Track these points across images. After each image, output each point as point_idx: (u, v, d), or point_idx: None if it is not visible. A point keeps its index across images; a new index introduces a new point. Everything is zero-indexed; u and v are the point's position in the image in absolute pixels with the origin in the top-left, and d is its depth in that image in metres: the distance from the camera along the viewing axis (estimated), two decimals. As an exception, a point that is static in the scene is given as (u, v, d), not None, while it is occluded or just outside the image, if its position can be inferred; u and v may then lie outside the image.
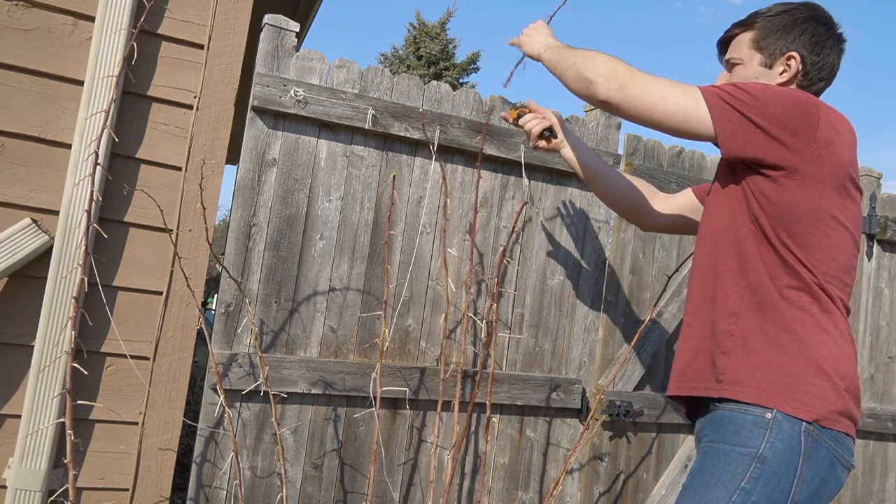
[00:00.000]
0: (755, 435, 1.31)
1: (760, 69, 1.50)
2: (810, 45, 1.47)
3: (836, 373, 1.34)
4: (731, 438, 1.34)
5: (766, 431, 1.31)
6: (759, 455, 1.30)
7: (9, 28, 1.99)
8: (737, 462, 1.31)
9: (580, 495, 2.79)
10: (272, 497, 2.32)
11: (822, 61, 1.48)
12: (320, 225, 2.41)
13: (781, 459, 1.29)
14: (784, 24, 1.48)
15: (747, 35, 1.53)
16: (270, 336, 2.34)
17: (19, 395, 2.00)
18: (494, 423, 2.64)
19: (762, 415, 1.32)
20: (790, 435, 1.30)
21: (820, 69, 1.48)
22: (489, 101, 2.67)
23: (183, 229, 2.16)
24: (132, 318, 2.11)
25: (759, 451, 1.30)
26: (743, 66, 1.53)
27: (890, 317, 3.41)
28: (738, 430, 1.34)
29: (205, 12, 2.19)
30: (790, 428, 1.30)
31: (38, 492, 1.96)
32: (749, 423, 1.33)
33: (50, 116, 2.03)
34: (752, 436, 1.32)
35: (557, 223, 2.78)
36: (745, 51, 1.52)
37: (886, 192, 3.38)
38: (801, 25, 1.48)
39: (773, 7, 1.52)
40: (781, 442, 1.30)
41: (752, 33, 1.52)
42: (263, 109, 2.31)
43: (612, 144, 2.87)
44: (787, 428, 1.30)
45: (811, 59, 1.47)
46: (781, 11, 1.50)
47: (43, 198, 2.02)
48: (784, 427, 1.31)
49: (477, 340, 2.62)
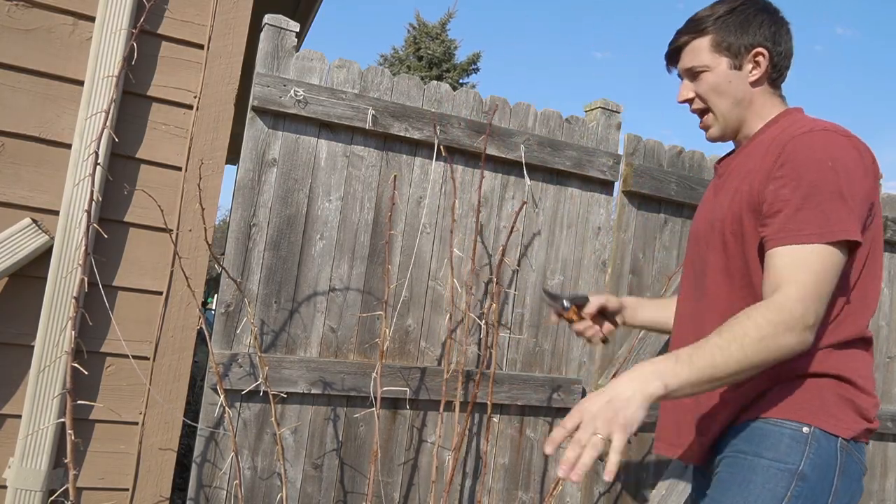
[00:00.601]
0: (794, 451, 1.26)
1: (730, 72, 1.44)
2: (771, 37, 1.43)
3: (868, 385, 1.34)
4: (768, 453, 1.27)
5: (805, 447, 1.26)
6: (800, 472, 1.25)
7: (9, 28, 2.00)
8: (777, 479, 1.25)
9: (580, 495, 2.79)
10: (272, 497, 2.32)
11: (784, 49, 1.45)
12: (320, 225, 2.41)
13: (819, 476, 1.25)
14: (740, 21, 1.43)
15: (703, 41, 1.45)
16: (270, 336, 2.34)
17: (19, 395, 2.00)
18: (495, 423, 2.64)
19: (799, 429, 1.27)
20: (828, 451, 1.26)
21: (784, 57, 1.45)
22: (489, 101, 2.67)
23: (183, 229, 2.16)
24: (132, 318, 2.11)
25: (799, 468, 1.25)
26: (710, 72, 1.44)
27: (890, 317, 3.41)
28: (774, 444, 1.28)
29: (205, 12, 2.19)
30: (827, 444, 1.27)
31: (38, 492, 1.96)
32: (787, 438, 1.27)
33: (50, 116, 2.03)
34: (792, 451, 1.26)
35: (557, 223, 2.78)
36: (708, 56, 1.44)
37: (886, 192, 3.38)
38: (756, 19, 1.44)
39: (716, 7, 1.46)
40: (820, 458, 1.26)
41: (709, 37, 1.44)
42: (263, 109, 2.31)
43: (613, 144, 2.87)
44: (825, 443, 1.27)
45: (776, 49, 1.44)
46: (731, 9, 1.45)
47: (43, 198, 2.02)
48: (822, 443, 1.26)
49: (478, 340, 2.61)
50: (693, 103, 1.49)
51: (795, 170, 1.26)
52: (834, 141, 1.28)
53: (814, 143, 1.27)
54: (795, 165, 1.26)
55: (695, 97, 1.48)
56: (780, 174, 1.28)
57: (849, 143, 1.29)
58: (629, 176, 2.86)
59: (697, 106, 1.48)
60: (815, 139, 1.28)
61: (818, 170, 1.24)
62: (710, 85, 1.45)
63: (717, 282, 1.40)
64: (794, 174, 1.26)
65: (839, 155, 1.26)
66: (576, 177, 2.80)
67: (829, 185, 1.23)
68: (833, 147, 1.27)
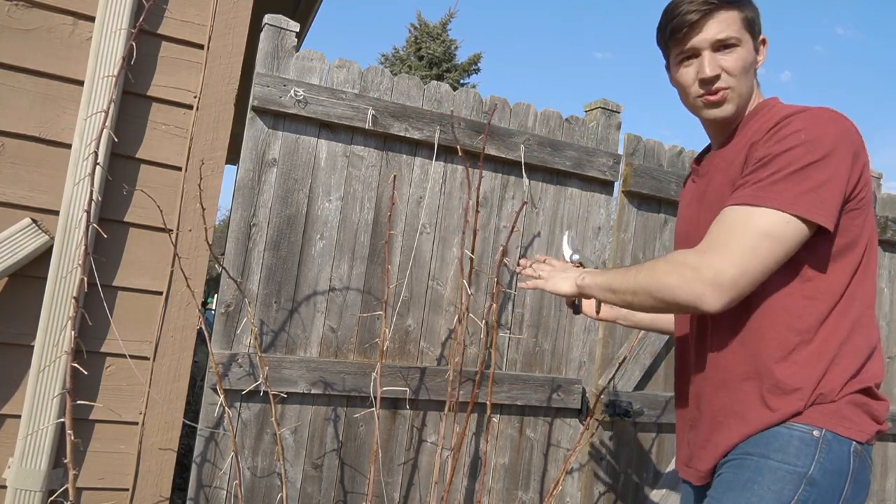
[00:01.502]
0: (804, 454, 1.21)
1: (752, 54, 1.35)
2: (761, 24, 1.38)
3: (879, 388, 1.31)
4: (776, 455, 1.23)
5: (815, 451, 1.21)
6: (809, 476, 1.20)
7: (9, 28, 2.00)
8: (784, 482, 1.20)
9: (580, 495, 2.79)
10: (272, 497, 2.31)
11: None
12: (320, 225, 2.41)
13: (830, 482, 1.20)
14: (755, 6, 1.37)
15: (735, 14, 1.33)
16: (270, 336, 2.34)
17: (19, 395, 2.00)
18: (495, 423, 2.64)
19: (809, 432, 1.22)
20: (840, 456, 1.22)
21: None
22: (489, 101, 2.67)
23: (183, 229, 2.16)
24: (132, 318, 2.11)
25: (808, 472, 1.20)
26: (742, 48, 1.33)
27: (890, 317, 3.40)
28: (783, 446, 1.23)
29: (205, 12, 2.19)
30: (839, 448, 1.22)
31: (38, 492, 1.96)
32: (796, 440, 1.22)
33: (50, 116, 2.03)
34: (801, 454, 1.21)
35: (557, 223, 2.78)
36: (740, 30, 1.32)
37: (886, 192, 3.38)
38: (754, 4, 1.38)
39: None
40: (831, 463, 1.21)
41: (741, 13, 1.33)
42: (263, 109, 2.31)
43: (612, 144, 2.87)
44: (837, 448, 1.22)
45: None
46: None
47: (43, 198, 2.02)
48: (833, 447, 1.21)
49: (478, 340, 2.61)
50: (718, 80, 1.35)
51: (770, 149, 1.23)
52: (818, 119, 1.23)
53: (802, 120, 1.23)
54: (772, 144, 1.23)
55: (721, 73, 1.34)
56: (757, 155, 1.25)
57: (832, 121, 1.23)
58: (629, 176, 2.86)
59: (719, 84, 1.35)
60: (803, 117, 1.24)
61: (791, 146, 1.21)
62: (744, 61, 1.33)
63: None
64: (769, 153, 1.23)
65: (818, 133, 1.21)
66: (576, 177, 2.80)
67: (800, 161, 1.19)
68: (813, 124, 1.22)
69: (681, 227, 1.52)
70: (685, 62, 1.38)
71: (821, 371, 1.25)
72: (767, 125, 1.28)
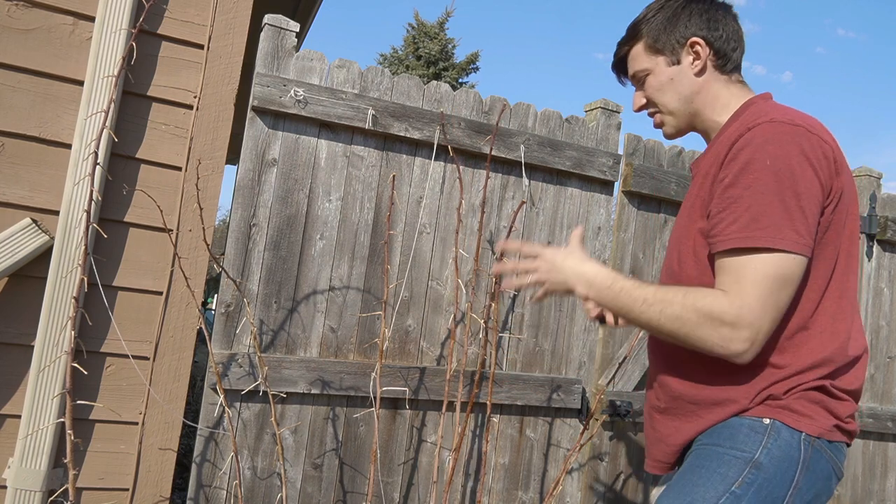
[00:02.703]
0: (751, 440, 1.25)
1: (671, 69, 1.42)
2: (705, 24, 1.41)
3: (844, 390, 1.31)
4: (726, 442, 1.28)
5: (763, 437, 1.25)
6: (755, 461, 1.24)
7: (9, 28, 1.99)
8: (729, 465, 1.25)
9: (580, 495, 2.79)
10: (272, 497, 2.31)
11: (725, 32, 1.41)
12: (320, 225, 2.41)
13: (778, 468, 1.23)
14: (667, 17, 1.43)
15: (638, 46, 1.46)
16: (270, 336, 2.34)
17: (19, 395, 2.00)
18: (495, 423, 2.64)
19: (759, 420, 1.26)
20: (789, 443, 1.24)
21: (726, 40, 1.41)
22: (489, 101, 2.67)
23: (183, 229, 2.16)
24: (132, 318, 2.11)
25: (754, 456, 1.24)
26: (652, 74, 1.45)
27: (890, 317, 3.41)
28: (733, 434, 1.28)
29: (205, 12, 2.19)
30: (789, 436, 1.25)
31: (38, 492, 1.95)
32: (745, 428, 1.27)
33: (50, 116, 2.03)
34: (749, 441, 1.26)
35: (557, 223, 2.78)
36: (645, 59, 1.45)
37: (886, 192, 3.38)
38: (684, 11, 1.42)
39: (648, 9, 1.47)
40: (779, 450, 1.24)
41: (643, 41, 1.45)
42: (263, 109, 2.31)
43: (612, 144, 2.87)
44: (787, 436, 1.25)
45: (713, 35, 1.40)
46: (658, 9, 1.45)
47: (43, 198, 2.02)
48: (783, 435, 1.25)
49: (477, 340, 2.61)
50: (648, 108, 1.49)
51: (734, 171, 1.23)
52: (778, 136, 1.22)
53: (755, 139, 1.23)
54: (735, 165, 1.23)
55: (646, 102, 1.49)
56: (723, 175, 1.25)
57: (794, 136, 1.22)
58: (629, 176, 2.86)
59: (651, 109, 1.49)
60: (757, 134, 1.23)
61: (754, 169, 1.20)
62: (654, 86, 1.46)
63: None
64: (733, 176, 1.23)
65: (779, 152, 1.20)
66: (576, 177, 2.80)
67: (762, 186, 1.19)
68: (775, 143, 1.21)
69: (672, 233, 1.53)
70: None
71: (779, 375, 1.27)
72: (732, 137, 1.28)
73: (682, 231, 1.41)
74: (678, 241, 1.42)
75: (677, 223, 1.48)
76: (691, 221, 1.36)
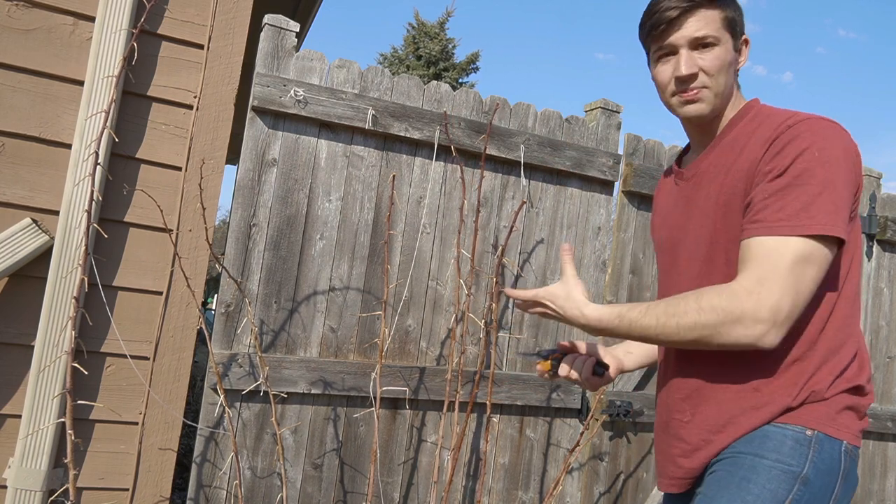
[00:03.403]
0: (798, 454, 1.21)
1: (732, 54, 1.33)
2: (744, 24, 1.36)
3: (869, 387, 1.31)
4: (770, 454, 1.22)
5: (808, 450, 1.21)
6: (803, 476, 1.20)
7: (9, 28, 1.99)
8: (778, 481, 1.20)
9: (580, 495, 2.79)
10: (272, 497, 2.32)
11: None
12: (320, 225, 2.41)
13: (822, 481, 1.21)
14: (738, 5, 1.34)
15: (715, 12, 1.31)
16: (270, 336, 2.34)
17: (19, 395, 2.00)
18: (494, 423, 2.64)
19: (802, 432, 1.22)
20: (831, 455, 1.22)
21: None
22: (489, 101, 2.67)
23: (183, 229, 2.16)
24: (132, 318, 2.11)
25: (802, 471, 1.20)
26: (721, 47, 1.31)
27: (890, 317, 3.41)
28: (777, 446, 1.23)
29: (205, 12, 2.19)
30: (830, 447, 1.22)
31: (38, 492, 1.96)
32: (790, 440, 1.22)
33: (50, 116, 2.03)
34: (795, 454, 1.21)
35: (557, 223, 2.78)
36: (719, 29, 1.31)
37: (886, 192, 3.38)
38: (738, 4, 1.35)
39: None
40: (823, 463, 1.21)
41: (722, 11, 1.31)
42: (263, 109, 2.31)
43: (612, 144, 2.87)
44: (829, 447, 1.22)
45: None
46: None
47: (43, 198, 2.02)
48: (825, 447, 1.22)
49: (478, 340, 2.62)
50: (696, 78, 1.32)
51: (782, 161, 1.21)
52: (823, 132, 1.22)
53: (802, 133, 1.22)
54: (783, 156, 1.22)
55: (698, 72, 1.32)
56: (768, 168, 1.22)
57: (834, 132, 1.23)
58: (629, 176, 2.86)
59: (697, 82, 1.33)
60: (803, 129, 1.22)
61: (804, 160, 1.20)
62: (722, 60, 1.31)
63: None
64: (781, 166, 1.21)
65: (826, 145, 1.21)
66: (576, 177, 2.81)
67: (810, 176, 1.18)
68: (823, 137, 1.22)
69: (666, 234, 1.46)
70: (663, 59, 1.36)
71: (811, 371, 1.25)
72: (766, 133, 1.26)
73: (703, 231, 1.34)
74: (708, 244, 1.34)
75: (674, 222, 1.42)
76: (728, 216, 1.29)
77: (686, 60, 1.32)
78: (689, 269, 1.38)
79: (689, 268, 1.38)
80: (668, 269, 1.45)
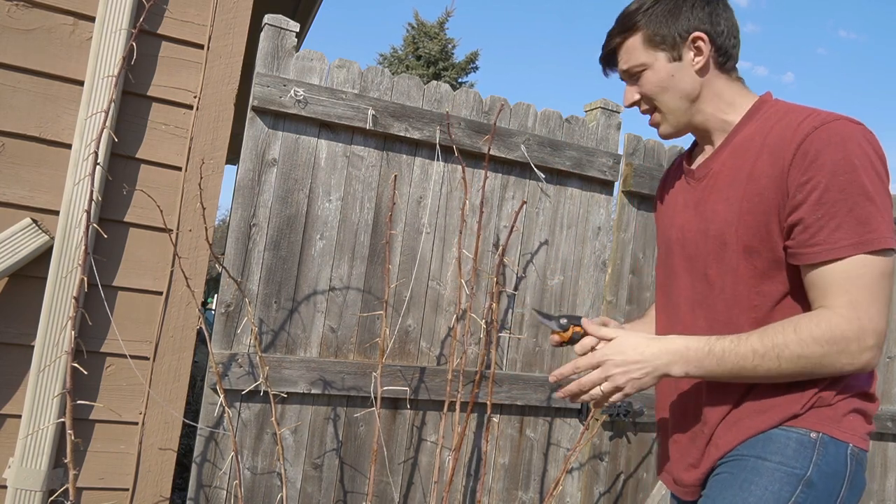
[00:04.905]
0: (802, 456, 1.20)
1: (671, 66, 1.33)
2: (707, 18, 1.32)
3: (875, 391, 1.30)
4: (773, 456, 1.21)
5: (812, 453, 1.20)
6: (807, 478, 1.19)
7: (9, 28, 1.99)
8: (781, 483, 1.19)
9: (580, 495, 2.79)
10: (272, 497, 2.31)
11: (725, 27, 1.34)
12: (320, 225, 2.41)
13: (826, 484, 1.19)
14: (668, 9, 1.33)
15: (635, 38, 1.35)
16: (270, 336, 2.34)
17: (19, 395, 2.00)
18: (495, 423, 2.64)
19: (807, 434, 1.21)
20: (836, 458, 1.20)
21: (728, 36, 1.34)
22: (489, 101, 2.67)
23: (183, 229, 2.16)
24: (132, 318, 2.11)
25: (806, 473, 1.19)
26: (650, 70, 1.34)
27: (890, 317, 3.41)
28: (781, 448, 1.22)
29: (205, 12, 2.19)
30: (836, 451, 1.21)
31: (38, 492, 1.95)
32: (794, 443, 1.21)
33: (50, 116, 2.03)
34: (799, 456, 1.20)
35: (557, 223, 2.78)
36: (643, 54, 1.34)
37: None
38: (685, 3, 1.33)
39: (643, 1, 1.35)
40: (828, 466, 1.20)
41: (640, 34, 1.34)
42: (263, 109, 2.31)
43: (612, 144, 2.87)
44: (833, 450, 1.20)
45: (715, 30, 1.32)
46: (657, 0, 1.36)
47: (43, 198, 2.02)
48: (830, 449, 1.20)
49: (478, 340, 2.61)
50: (641, 105, 1.39)
51: (821, 172, 1.17)
52: (854, 135, 1.18)
53: (833, 139, 1.18)
54: (819, 166, 1.17)
55: (640, 99, 1.38)
56: (805, 179, 1.18)
57: (864, 135, 1.20)
58: (629, 176, 2.86)
59: (646, 106, 1.39)
60: (833, 134, 1.18)
61: (845, 171, 1.16)
62: (653, 83, 1.35)
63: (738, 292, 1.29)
64: (820, 177, 1.17)
65: (860, 151, 1.18)
66: (576, 177, 2.80)
67: (857, 188, 1.15)
68: (854, 142, 1.18)
69: (674, 235, 1.43)
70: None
71: (822, 384, 1.23)
72: (788, 134, 1.22)
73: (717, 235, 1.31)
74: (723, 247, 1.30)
75: (684, 223, 1.40)
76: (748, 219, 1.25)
77: (625, 94, 1.42)
78: (697, 271, 1.35)
79: (697, 270, 1.36)
80: (675, 270, 1.42)
